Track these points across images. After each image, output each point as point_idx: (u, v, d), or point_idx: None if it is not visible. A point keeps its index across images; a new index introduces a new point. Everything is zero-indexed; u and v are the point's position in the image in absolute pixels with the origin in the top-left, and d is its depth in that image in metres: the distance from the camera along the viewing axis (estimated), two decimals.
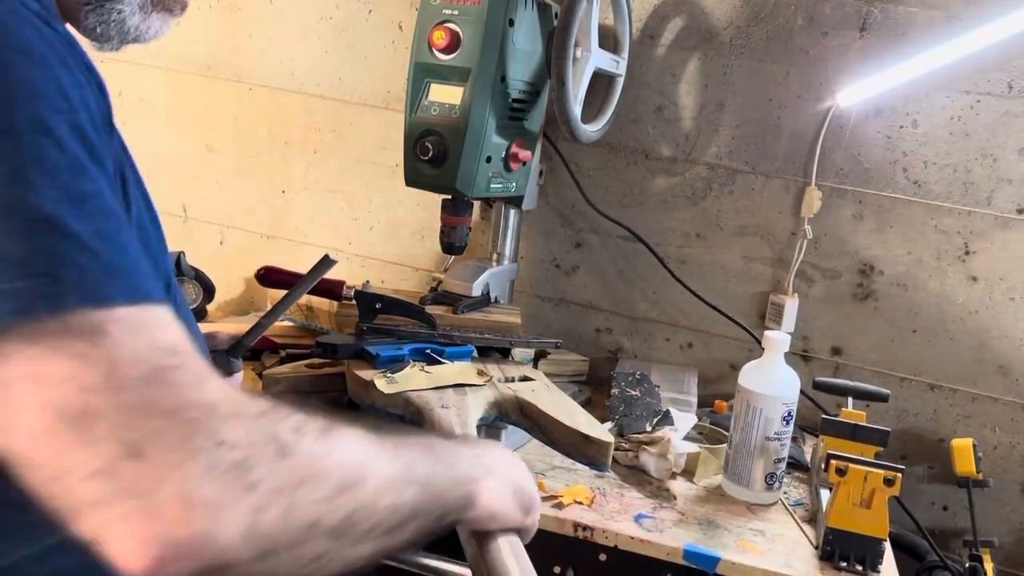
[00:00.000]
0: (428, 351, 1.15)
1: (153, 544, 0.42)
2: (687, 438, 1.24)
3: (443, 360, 1.14)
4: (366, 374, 1.06)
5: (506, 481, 0.70)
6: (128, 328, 0.45)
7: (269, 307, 1.75)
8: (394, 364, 1.10)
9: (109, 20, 0.66)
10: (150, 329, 0.46)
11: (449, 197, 1.32)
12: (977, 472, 1.37)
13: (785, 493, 1.21)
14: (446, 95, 1.24)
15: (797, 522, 1.13)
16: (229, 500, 0.44)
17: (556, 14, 1.35)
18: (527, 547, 0.77)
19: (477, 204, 1.52)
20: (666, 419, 1.25)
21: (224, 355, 0.96)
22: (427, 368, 1.11)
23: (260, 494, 0.46)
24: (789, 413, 1.14)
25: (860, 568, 1.01)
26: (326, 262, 1.18)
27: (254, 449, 0.46)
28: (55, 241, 0.45)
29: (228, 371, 0.94)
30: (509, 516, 0.71)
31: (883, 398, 1.32)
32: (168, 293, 0.65)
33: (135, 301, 0.47)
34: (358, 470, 0.53)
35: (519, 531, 0.74)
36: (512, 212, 1.52)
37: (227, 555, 0.44)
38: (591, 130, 1.41)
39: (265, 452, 0.47)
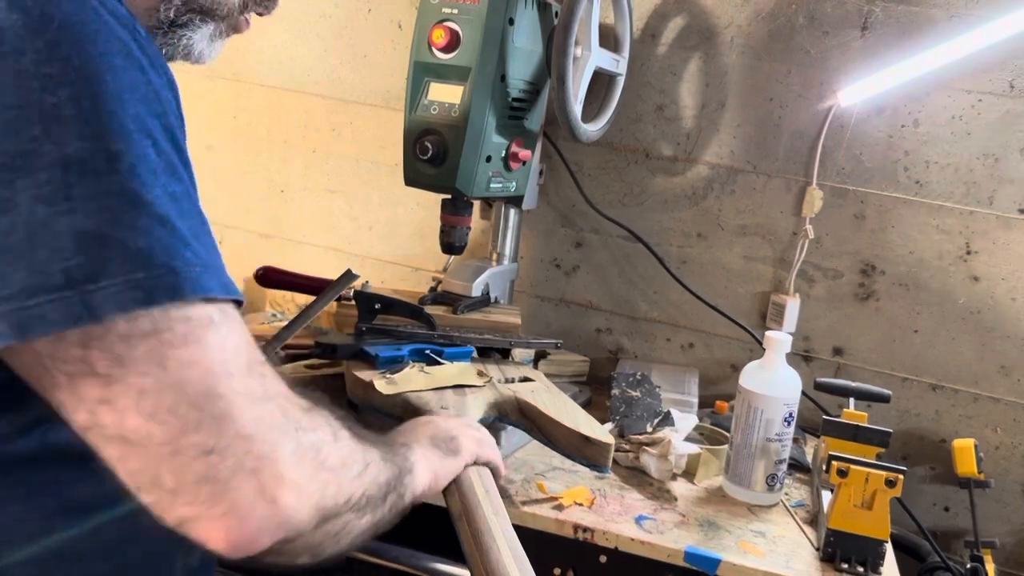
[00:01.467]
0: (427, 351, 1.14)
1: (249, 520, 0.48)
2: (688, 439, 1.23)
3: (442, 361, 1.14)
4: (365, 375, 1.06)
5: (425, 439, 0.80)
6: (228, 322, 0.50)
7: (268, 308, 1.76)
8: (393, 365, 1.10)
9: (177, 44, 0.68)
10: (241, 324, 0.52)
11: (449, 197, 1.31)
12: (979, 473, 1.36)
13: (786, 494, 1.21)
14: (446, 94, 1.24)
15: (798, 523, 1.12)
16: (308, 479, 0.52)
17: (556, 13, 1.34)
18: (527, 549, 0.77)
19: (477, 204, 1.51)
20: (667, 420, 1.25)
21: None
22: (426, 369, 1.10)
23: (327, 471, 0.54)
24: (790, 414, 1.13)
25: (861, 569, 1.01)
26: (348, 276, 1.18)
27: (319, 433, 0.55)
28: (167, 236, 0.49)
29: None
30: (447, 465, 0.79)
31: (885, 399, 1.31)
32: None
33: (228, 296, 0.51)
34: (367, 454, 0.62)
35: (488, 466, 0.85)
36: (512, 212, 1.51)
37: (302, 526, 0.51)
38: (591, 129, 1.40)
39: (326, 435, 0.55)
